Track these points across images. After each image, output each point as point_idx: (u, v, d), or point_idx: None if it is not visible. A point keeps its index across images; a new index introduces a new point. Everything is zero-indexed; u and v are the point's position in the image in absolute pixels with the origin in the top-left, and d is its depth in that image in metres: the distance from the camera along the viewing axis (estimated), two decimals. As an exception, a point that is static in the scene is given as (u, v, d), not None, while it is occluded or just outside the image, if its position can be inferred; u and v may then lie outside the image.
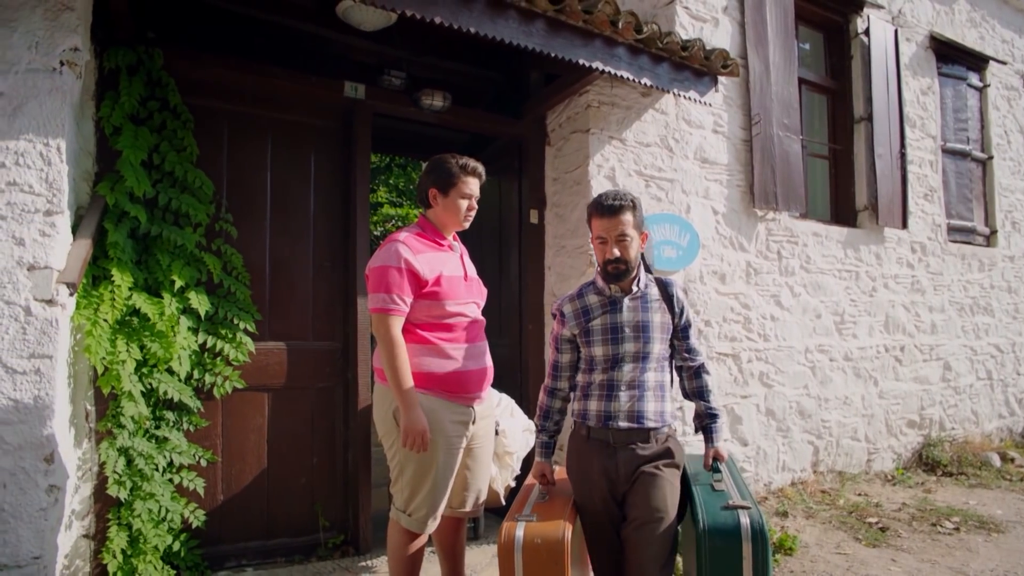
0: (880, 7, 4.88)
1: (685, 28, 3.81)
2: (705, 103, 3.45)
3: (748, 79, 4.04)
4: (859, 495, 4.23)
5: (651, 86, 3.20)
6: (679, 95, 3.34)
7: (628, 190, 2.12)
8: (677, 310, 2.21)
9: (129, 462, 2.62)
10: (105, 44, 2.67)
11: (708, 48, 3.35)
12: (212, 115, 3.05)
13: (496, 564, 2.28)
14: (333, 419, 3.26)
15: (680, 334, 2.23)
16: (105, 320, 2.50)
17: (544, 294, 3.80)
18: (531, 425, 3.01)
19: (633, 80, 3.12)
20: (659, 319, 2.17)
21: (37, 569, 2.20)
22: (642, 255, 2.81)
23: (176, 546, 2.75)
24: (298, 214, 3.25)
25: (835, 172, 4.88)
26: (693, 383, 2.25)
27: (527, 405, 3.49)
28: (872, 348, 4.67)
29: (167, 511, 2.68)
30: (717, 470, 2.18)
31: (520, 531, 1.97)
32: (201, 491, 2.82)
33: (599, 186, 3.48)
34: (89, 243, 2.46)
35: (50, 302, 2.26)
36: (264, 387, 3.09)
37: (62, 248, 2.34)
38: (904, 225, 4.85)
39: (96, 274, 2.59)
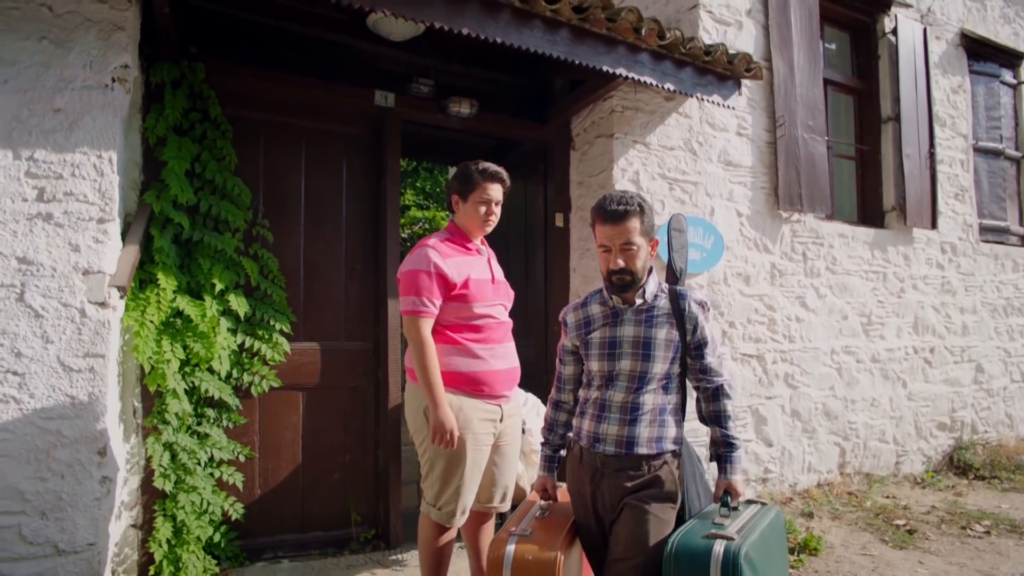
0: (908, 6, 4.84)
1: (708, 32, 3.84)
2: (728, 106, 3.48)
3: (772, 81, 4.05)
4: (887, 497, 4.21)
5: (674, 91, 3.25)
6: (702, 99, 3.38)
7: (636, 192, 1.97)
8: (689, 326, 1.95)
9: (173, 456, 2.75)
10: (151, 60, 2.81)
11: (731, 52, 3.38)
12: (249, 125, 3.18)
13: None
14: (364, 417, 3.37)
15: (693, 352, 1.97)
16: (151, 321, 2.63)
17: (569, 296, 3.87)
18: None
19: (656, 85, 3.17)
20: (664, 335, 1.93)
21: (92, 555, 2.34)
22: (671, 259, 2.77)
23: (216, 537, 2.88)
24: (331, 219, 3.37)
25: (862, 173, 4.85)
26: (709, 407, 2.01)
27: (552, 405, 3.55)
28: (900, 350, 4.63)
29: (208, 504, 2.81)
30: (726, 504, 1.89)
31: (511, 547, 1.86)
32: (240, 485, 2.94)
33: (623, 190, 3.53)
34: (137, 248, 2.60)
35: (103, 304, 2.40)
36: (299, 386, 3.21)
37: (113, 253, 2.48)
38: (934, 225, 4.80)
39: (143, 278, 2.72)
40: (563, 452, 2.18)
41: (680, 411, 1.99)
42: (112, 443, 2.43)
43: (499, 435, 2.42)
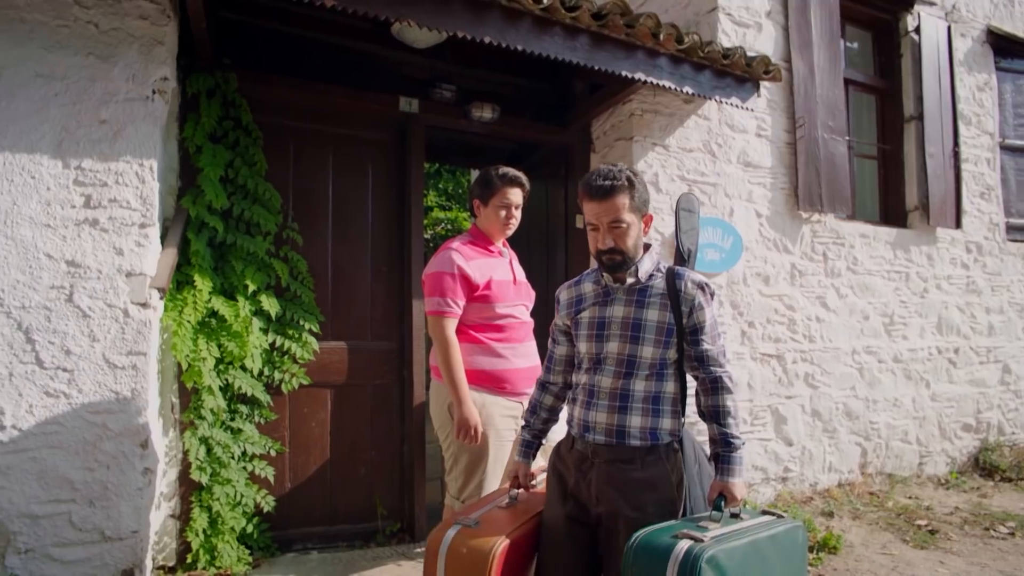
0: (932, 4, 4.81)
1: (727, 35, 3.88)
2: (748, 109, 3.52)
3: (792, 82, 4.07)
4: (909, 498, 4.20)
5: (693, 94, 3.29)
6: (721, 102, 3.42)
7: (625, 166, 1.83)
8: (685, 308, 1.78)
9: (209, 450, 2.88)
10: (187, 71, 2.94)
11: (750, 55, 3.42)
12: (279, 132, 3.30)
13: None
14: (390, 414, 3.47)
15: (689, 338, 1.79)
16: (188, 321, 2.76)
17: (589, 296, 3.93)
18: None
19: (675, 89, 3.22)
20: (656, 317, 1.78)
21: (135, 542, 2.47)
22: (679, 240, 2.59)
23: (249, 528, 3.00)
24: (357, 222, 3.48)
25: (884, 173, 4.83)
26: (707, 401, 1.81)
27: (573, 403, 3.62)
28: (924, 350, 4.61)
29: (242, 496, 2.93)
30: (719, 508, 1.69)
31: (451, 533, 1.73)
32: (271, 479, 3.06)
33: (642, 191, 3.59)
34: (175, 252, 2.73)
35: (144, 305, 2.53)
36: (327, 384, 3.32)
37: (153, 256, 2.61)
38: (958, 225, 4.77)
39: (180, 279, 2.85)
40: (544, 440, 2.04)
41: (678, 402, 1.81)
42: (153, 436, 2.57)
43: (520, 431, 2.50)
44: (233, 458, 2.95)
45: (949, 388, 4.73)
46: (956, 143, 4.78)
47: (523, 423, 2.06)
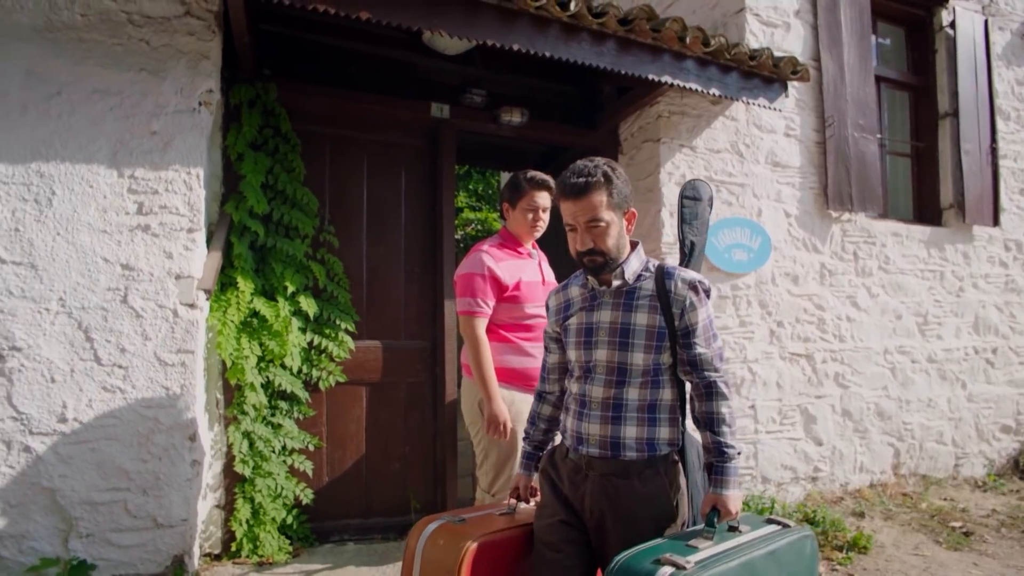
0: (967, -2, 4.74)
1: (755, 35, 3.89)
2: (775, 109, 3.53)
3: (821, 81, 4.06)
4: (944, 500, 4.15)
5: (720, 95, 3.32)
6: (749, 103, 3.44)
7: (604, 160, 1.70)
8: (676, 310, 1.67)
9: (251, 444, 3.02)
10: (230, 82, 3.08)
11: (777, 55, 3.43)
12: (316, 139, 3.43)
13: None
14: (423, 411, 3.58)
15: (681, 341, 1.68)
16: (232, 321, 2.90)
17: (617, 296, 3.98)
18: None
19: (702, 91, 3.26)
20: (645, 321, 1.67)
21: (185, 530, 2.62)
22: (682, 233, 2.28)
23: (289, 519, 3.14)
24: (391, 225, 3.59)
25: (918, 170, 4.77)
26: (701, 407, 1.69)
27: (601, 401, 3.68)
28: (960, 350, 4.54)
29: (282, 488, 3.06)
30: (712, 524, 1.58)
31: (434, 525, 1.72)
32: (310, 472, 3.19)
33: (670, 193, 3.63)
34: (220, 255, 2.87)
35: (192, 306, 2.68)
36: (362, 381, 3.44)
37: (200, 259, 2.75)
38: (996, 222, 4.68)
39: (224, 281, 2.99)
40: (546, 449, 1.95)
41: (676, 409, 1.71)
42: (200, 430, 2.71)
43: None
44: (274, 452, 3.08)
45: (987, 389, 4.65)
46: (994, 139, 4.70)
47: (523, 435, 1.98)
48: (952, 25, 4.63)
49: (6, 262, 2.44)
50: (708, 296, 1.72)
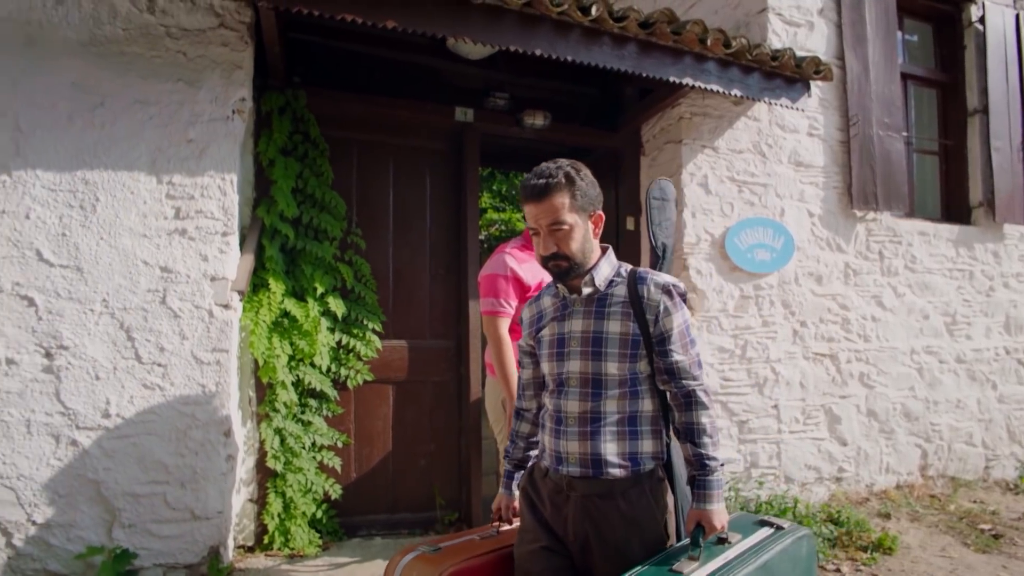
0: (997, -8, 4.66)
1: (778, 34, 3.89)
2: (798, 109, 3.53)
3: (845, 80, 4.04)
4: (973, 502, 4.10)
5: (742, 97, 3.33)
6: (771, 103, 3.44)
7: (569, 161, 1.64)
8: (650, 316, 1.59)
9: (282, 440, 3.12)
10: (261, 90, 3.18)
11: (799, 55, 3.43)
12: (344, 143, 3.52)
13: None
14: (448, 409, 3.65)
15: (656, 348, 1.60)
16: (264, 321, 3.00)
17: (639, 296, 4.00)
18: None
19: (723, 92, 3.27)
20: (618, 329, 1.59)
21: (220, 522, 2.72)
22: (652, 235, 2.28)
23: (319, 514, 3.23)
24: (416, 227, 3.67)
25: (946, 168, 4.71)
26: (681, 417, 1.61)
27: (623, 401, 3.72)
28: (990, 350, 4.48)
29: (312, 484, 3.16)
30: (697, 544, 1.49)
31: (408, 559, 1.67)
32: (338, 468, 3.28)
33: (692, 194, 3.65)
34: (252, 257, 2.97)
35: (226, 306, 2.78)
36: (389, 380, 3.52)
37: (233, 262, 2.86)
38: (1027, 220, 4.61)
39: (256, 283, 3.09)
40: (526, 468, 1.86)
41: (659, 420, 1.63)
42: (234, 426, 2.81)
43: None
44: (304, 448, 3.17)
45: (1018, 390, 4.57)
46: (1025, 136, 4.62)
47: (504, 455, 1.92)
48: (982, 20, 4.57)
49: (54, 265, 2.57)
50: (684, 300, 1.66)
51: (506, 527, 1.84)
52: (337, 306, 3.27)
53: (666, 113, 3.80)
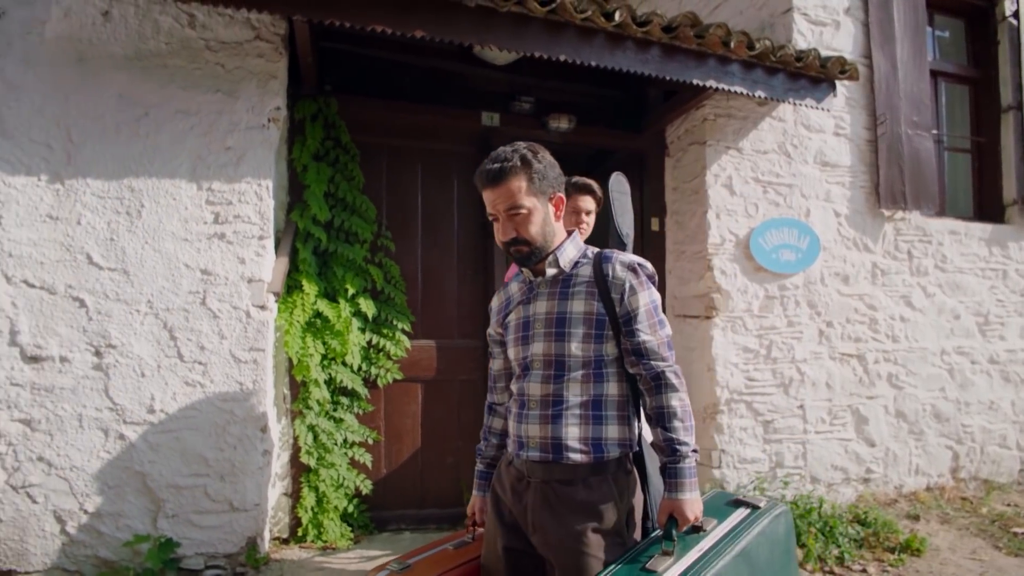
0: (1032, -13, 4.58)
1: (803, 34, 3.88)
2: (823, 109, 3.52)
3: (873, 78, 4.01)
4: (1007, 505, 4.04)
5: (766, 98, 3.34)
6: (796, 104, 3.45)
7: (526, 144, 1.62)
8: (616, 295, 1.54)
9: (315, 437, 3.22)
10: (294, 98, 3.30)
11: (824, 55, 3.43)
12: (374, 148, 3.62)
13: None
14: (475, 407, 3.72)
15: (624, 329, 1.54)
16: (298, 321, 3.11)
17: (665, 296, 4.04)
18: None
19: (747, 94, 3.29)
20: (582, 308, 1.55)
21: (257, 514, 2.84)
22: (615, 224, 2.21)
23: (350, 508, 3.33)
24: (444, 229, 3.76)
25: (979, 166, 4.63)
26: (651, 401, 1.54)
27: (648, 400, 3.75)
28: (1024, 351, 4.40)
29: (344, 479, 3.26)
30: (670, 535, 1.44)
31: None
32: (369, 464, 3.38)
33: (716, 195, 3.67)
34: (287, 260, 3.09)
35: (263, 307, 2.90)
36: (417, 378, 3.61)
37: (269, 264, 2.97)
38: (1064, 219, 4.51)
39: (290, 284, 3.20)
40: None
41: (627, 405, 1.58)
42: (270, 423, 2.93)
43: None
44: (336, 444, 3.28)
45: (1054, 391, 4.48)
46: (1061, 132, 4.52)
47: (477, 452, 1.87)
48: (1016, 15, 4.49)
49: (103, 268, 2.71)
50: (652, 280, 1.61)
51: (481, 531, 1.77)
52: (368, 307, 3.37)
53: (690, 115, 3.82)
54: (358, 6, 2.62)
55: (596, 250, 1.65)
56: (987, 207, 4.57)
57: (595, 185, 2.74)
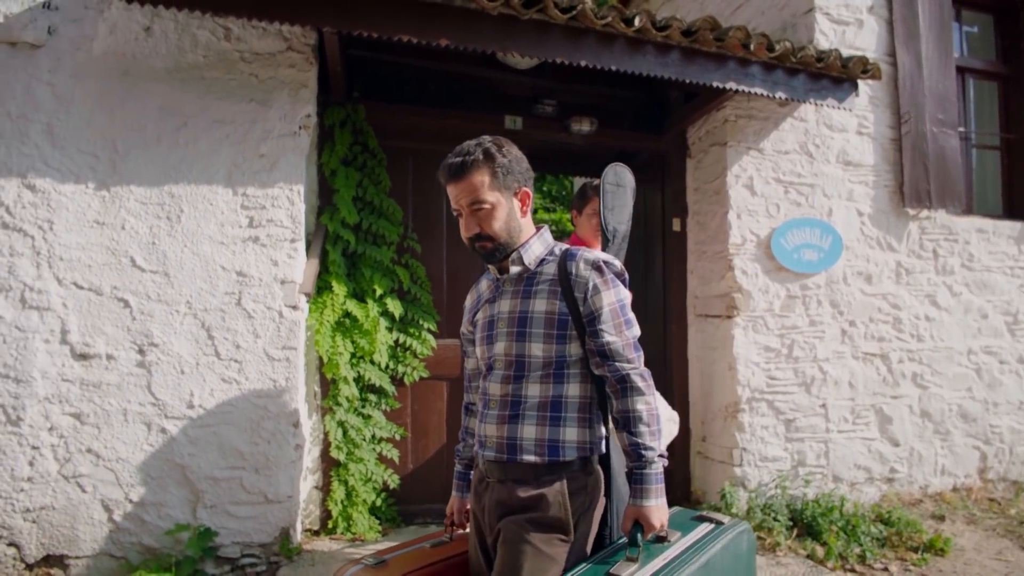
0: (1064, -20, 4.50)
1: (825, 34, 3.88)
2: (845, 109, 3.53)
3: (897, 77, 3.99)
4: (1037, 506, 3.99)
5: (787, 99, 3.36)
6: (817, 104, 3.46)
7: (491, 137, 1.60)
8: (579, 294, 1.50)
9: (344, 433, 3.34)
10: (324, 105, 3.41)
11: (846, 55, 3.43)
12: (400, 153, 3.72)
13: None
14: (498, 405, 3.81)
15: (588, 329, 1.50)
16: (328, 321, 3.23)
17: (687, 296, 4.08)
18: (675, 415, 3.27)
19: (768, 95, 3.31)
20: (544, 308, 1.51)
21: (290, 506, 2.96)
22: (604, 219, 2.22)
23: (378, 502, 3.44)
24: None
25: (1008, 163, 4.57)
26: (617, 405, 1.49)
27: (670, 397, 3.79)
28: (1056, 351, 4.33)
29: (372, 473, 3.37)
30: (635, 542, 1.42)
31: (349, 573, 1.62)
32: (396, 459, 3.48)
33: (737, 195, 3.70)
34: (317, 262, 3.20)
35: (295, 307, 3.02)
36: (443, 377, 3.71)
37: (300, 266, 3.09)
38: (1097, 216, 4.43)
39: (321, 285, 3.32)
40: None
41: (589, 407, 1.54)
42: (302, 418, 3.05)
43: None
44: (364, 440, 3.39)
45: (1087, 392, 4.41)
46: (1094, 128, 4.44)
47: (455, 453, 1.85)
48: (1046, 10, 4.42)
49: (145, 271, 2.85)
50: (621, 279, 1.57)
51: (460, 532, 1.77)
52: (395, 307, 3.47)
53: (711, 116, 3.85)
54: (385, 17, 2.72)
55: (565, 247, 1.60)
56: (1017, 204, 4.50)
57: None
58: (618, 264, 1.57)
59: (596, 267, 1.52)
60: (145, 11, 2.84)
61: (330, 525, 3.28)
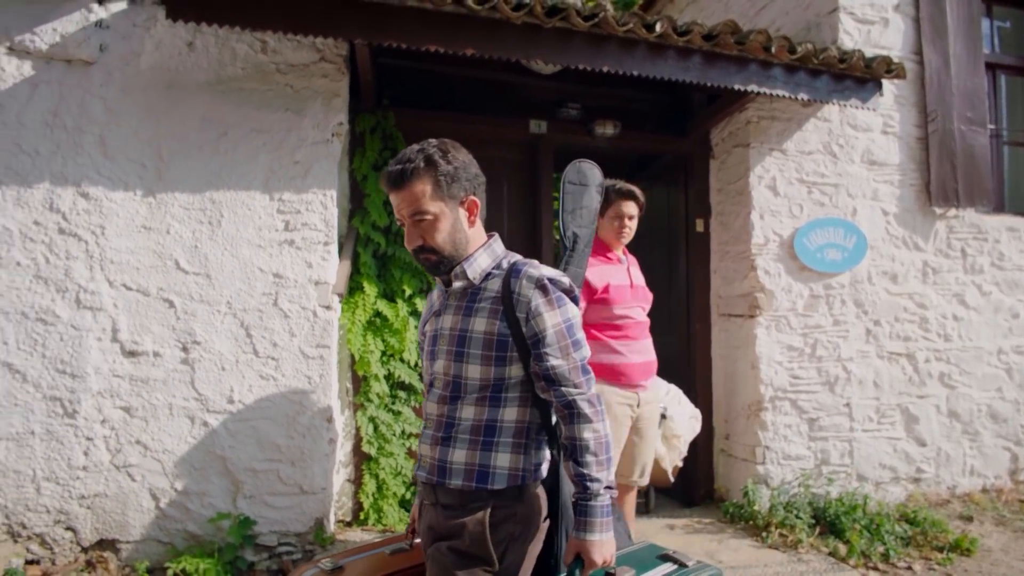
0: (1100, -27, 4.42)
1: (850, 34, 3.88)
2: (869, 109, 3.53)
3: (923, 75, 3.98)
4: (1070, 509, 3.94)
5: (809, 100, 3.39)
6: (841, 104, 3.47)
7: (435, 141, 1.48)
8: (520, 315, 1.40)
9: (375, 428, 3.46)
10: (355, 112, 3.54)
11: (869, 55, 3.44)
12: (428, 157, 3.83)
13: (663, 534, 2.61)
14: (523, 402, 3.90)
15: (532, 351, 1.41)
16: (359, 320, 3.36)
17: (710, 296, 4.11)
18: (697, 413, 3.32)
19: (790, 96, 3.34)
20: (483, 328, 1.42)
21: (324, 497, 3.10)
22: (563, 223, 2.05)
23: (408, 495, 3.55)
24: (494, 232, 3.93)
25: (1041, 160, 4.51)
26: (564, 431, 1.41)
27: (693, 396, 3.83)
28: (1091, 351, 4.26)
29: (402, 467, 3.49)
30: None
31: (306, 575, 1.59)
32: (425, 454, 3.59)
33: (760, 196, 3.73)
34: (349, 263, 3.33)
35: (328, 307, 3.15)
36: (469, 374, 3.81)
37: (333, 268, 3.23)
38: None
39: (352, 286, 3.45)
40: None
41: (527, 433, 1.45)
42: (335, 414, 3.18)
43: (637, 418, 2.81)
44: (394, 435, 3.51)
45: (1125, 393, 4.32)
46: None
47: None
48: (1081, 4, 4.35)
49: (188, 273, 3.01)
50: (569, 296, 1.48)
51: (419, 540, 1.68)
52: (423, 307, 3.58)
53: (734, 117, 3.89)
54: (413, 29, 2.83)
55: (513, 259, 1.50)
56: (1050, 203, 4.44)
57: (637, 190, 2.87)
58: (566, 280, 1.47)
59: (540, 286, 1.41)
60: (188, 27, 2.99)
61: (362, 516, 3.41)
